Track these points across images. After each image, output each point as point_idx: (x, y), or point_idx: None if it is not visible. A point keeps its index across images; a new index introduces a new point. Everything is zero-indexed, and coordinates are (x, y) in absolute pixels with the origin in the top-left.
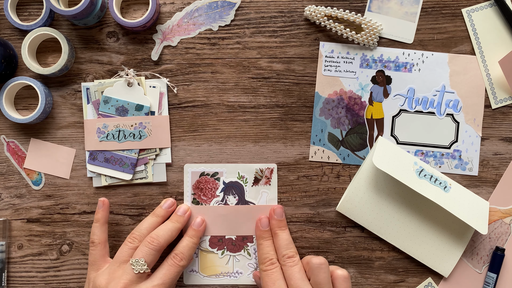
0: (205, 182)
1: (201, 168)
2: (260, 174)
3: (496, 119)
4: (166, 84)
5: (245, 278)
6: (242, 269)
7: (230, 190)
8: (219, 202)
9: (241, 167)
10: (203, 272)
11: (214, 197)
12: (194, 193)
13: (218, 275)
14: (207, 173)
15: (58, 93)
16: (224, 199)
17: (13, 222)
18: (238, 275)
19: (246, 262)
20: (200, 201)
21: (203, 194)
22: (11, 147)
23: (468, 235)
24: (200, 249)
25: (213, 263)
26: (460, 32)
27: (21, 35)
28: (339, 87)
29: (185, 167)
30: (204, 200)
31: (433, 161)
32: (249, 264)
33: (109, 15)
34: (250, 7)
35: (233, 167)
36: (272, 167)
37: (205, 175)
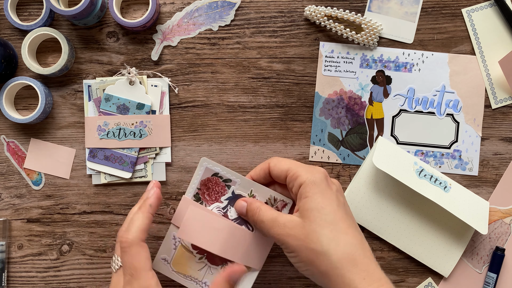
0: (215, 183)
1: (217, 168)
2: (272, 203)
3: (496, 119)
4: (168, 83)
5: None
6: (211, 284)
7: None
8: (220, 208)
9: (256, 186)
10: (174, 265)
11: (217, 201)
12: (200, 188)
13: (186, 277)
14: (221, 175)
15: (58, 93)
16: (226, 209)
17: (13, 222)
18: (204, 287)
19: None
20: (202, 198)
21: (208, 193)
22: (11, 147)
23: (468, 235)
24: (181, 244)
25: (187, 263)
26: (460, 32)
27: (21, 35)
28: (339, 87)
29: (202, 160)
30: (206, 200)
31: (433, 161)
32: None
33: (109, 15)
34: (250, 7)
35: (248, 183)
36: (287, 202)
37: (218, 177)
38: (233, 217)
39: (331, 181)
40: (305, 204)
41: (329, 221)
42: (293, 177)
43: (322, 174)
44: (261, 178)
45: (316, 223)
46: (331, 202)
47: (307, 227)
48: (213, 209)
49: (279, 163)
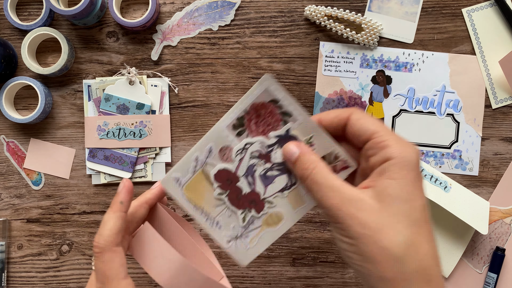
0: (270, 112)
1: (279, 94)
2: (330, 160)
3: (497, 119)
4: (168, 83)
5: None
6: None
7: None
8: (263, 145)
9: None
10: (186, 191)
11: (264, 135)
12: (249, 112)
13: (197, 208)
14: (281, 105)
15: (58, 93)
16: (272, 148)
17: (13, 222)
18: (214, 226)
19: (233, 224)
20: (246, 126)
21: (256, 122)
22: (11, 147)
23: (469, 235)
24: (202, 170)
25: (203, 193)
26: (460, 32)
27: (21, 35)
28: (339, 87)
29: (264, 77)
30: (251, 130)
31: (433, 161)
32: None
33: (109, 15)
34: (250, 7)
35: (312, 126)
36: (349, 165)
37: (277, 106)
38: (276, 161)
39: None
40: (388, 188)
41: (414, 220)
42: (380, 145)
43: (417, 155)
44: (331, 127)
45: (398, 217)
46: (420, 197)
47: (384, 217)
48: (255, 142)
49: (365, 119)
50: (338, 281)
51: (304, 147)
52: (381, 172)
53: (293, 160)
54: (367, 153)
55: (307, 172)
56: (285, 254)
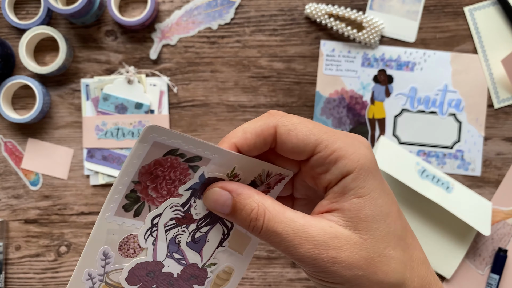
0: (169, 168)
1: (176, 142)
2: (262, 179)
3: (499, 119)
4: (166, 83)
5: None
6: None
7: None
8: (177, 207)
9: (244, 160)
10: None
11: (172, 196)
12: (139, 181)
13: None
14: (182, 152)
15: (55, 93)
16: (188, 204)
17: (11, 223)
18: None
19: None
20: (143, 198)
21: (155, 187)
22: (9, 147)
23: (471, 236)
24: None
25: None
26: (462, 31)
27: (18, 34)
28: (340, 86)
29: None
30: (150, 199)
31: (435, 161)
32: None
33: (107, 13)
34: (250, 6)
35: (232, 157)
36: (285, 175)
37: (176, 156)
38: (200, 216)
39: None
40: (360, 210)
41: (399, 235)
42: (331, 159)
43: (369, 149)
44: (255, 149)
45: (384, 241)
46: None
47: (370, 248)
48: (164, 210)
49: (297, 128)
50: None
51: (235, 187)
52: (342, 191)
53: (227, 211)
54: (314, 170)
55: (258, 223)
56: None
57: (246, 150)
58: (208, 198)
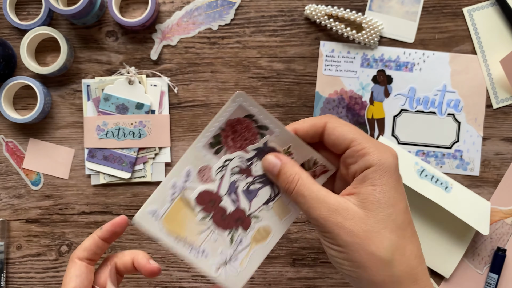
0: (246, 128)
1: (254, 109)
2: (309, 166)
3: (498, 119)
4: (167, 83)
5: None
6: (211, 251)
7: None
8: (243, 160)
9: (297, 142)
10: (166, 222)
11: (242, 150)
12: (225, 128)
13: (180, 239)
14: (256, 119)
15: (57, 93)
16: (251, 162)
17: (12, 222)
18: (200, 256)
19: (220, 248)
20: (223, 143)
21: (233, 138)
22: (10, 147)
23: (469, 235)
24: (180, 197)
25: (184, 222)
26: (461, 31)
27: (19, 34)
28: (340, 87)
29: (236, 95)
30: (228, 146)
31: (434, 161)
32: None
33: (108, 14)
34: (250, 6)
35: (289, 137)
36: (328, 169)
37: (252, 120)
38: (257, 174)
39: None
40: (371, 195)
41: (399, 224)
42: (359, 153)
43: (396, 159)
44: (307, 136)
45: (383, 223)
46: (402, 200)
47: (370, 224)
48: (234, 158)
49: (342, 127)
50: (338, 281)
51: (284, 158)
52: (362, 179)
53: (275, 173)
54: (346, 161)
55: (291, 185)
56: (285, 254)
57: (302, 135)
58: (265, 161)
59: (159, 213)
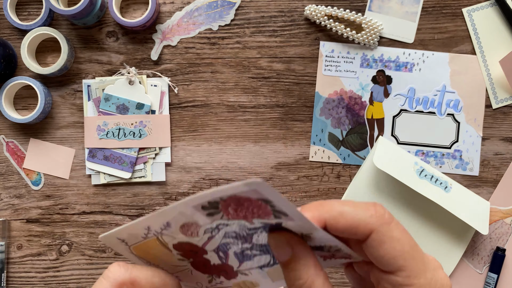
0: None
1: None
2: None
3: (497, 119)
4: (167, 83)
5: None
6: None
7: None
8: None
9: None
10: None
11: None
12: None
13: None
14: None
15: (57, 93)
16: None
17: (13, 222)
18: None
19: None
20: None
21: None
22: (11, 147)
23: (469, 235)
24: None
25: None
26: (461, 31)
27: (20, 34)
28: (340, 87)
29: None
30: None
31: (433, 161)
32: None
33: (108, 14)
34: (250, 7)
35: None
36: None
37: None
38: (259, 243)
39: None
40: None
41: None
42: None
43: None
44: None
45: None
46: None
47: None
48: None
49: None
50: (338, 281)
51: (298, 249)
52: None
53: (283, 261)
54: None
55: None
56: None
57: (332, 231)
58: (272, 240)
59: (128, 242)
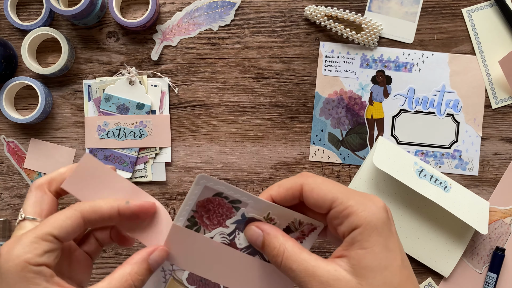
0: (217, 205)
1: (220, 187)
2: (296, 227)
3: (496, 119)
4: (168, 83)
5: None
6: None
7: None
8: (224, 235)
9: (276, 209)
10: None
11: (221, 226)
12: (197, 210)
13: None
14: (226, 196)
15: (58, 93)
16: (233, 235)
17: (13, 222)
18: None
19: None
20: (200, 223)
21: (208, 217)
22: (11, 147)
23: (468, 235)
24: (172, 277)
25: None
26: (460, 32)
27: (21, 35)
28: (339, 87)
29: (199, 178)
30: (205, 225)
31: (433, 161)
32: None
33: (109, 15)
34: (250, 7)
35: (266, 205)
36: (316, 226)
37: (222, 197)
38: (242, 246)
39: (391, 218)
40: (362, 259)
41: (395, 286)
42: (343, 214)
43: (383, 211)
44: (286, 201)
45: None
46: (396, 257)
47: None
48: (215, 236)
49: (319, 186)
50: None
51: (266, 227)
52: (351, 241)
53: (258, 244)
54: (332, 222)
55: (278, 259)
56: None
57: (279, 201)
58: (247, 233)
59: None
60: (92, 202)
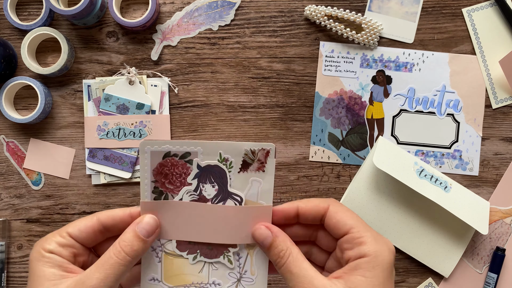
0: (172, 166)
1: (166, 147)
2: (251, 157)
3: (497, 119)
4: (167, 83)
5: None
6: (220, 279)
7: (207, 177)
8: (191, 192)
9: (224, 146)
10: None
11: (184, 185)
12: (156, 180)
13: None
14: (174, 153)
15: (57, 93)
16: (199, 189)
17: (13, 222)
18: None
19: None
20: (164, 190)
21: (169, 181)
22: (11, 147)
23: (469, 235)
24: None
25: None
26: (461, 32)
27: (20, 35)
28: (339, 87)
29: (141, 145)
30: (170, 190)
31: (433, 161)
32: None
33: (108, 14)
34: (250, 7)
35: (213, 145)
36: (268, 148)
37: (172, 156)
38: (211, 196)
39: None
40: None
41: None
42: (356, 241)
43: (391, 254)
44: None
45: None
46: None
47: None
48: (183, 196)
49: (343, 212)
50: None
51: (275, 230)
52: (354, 267)
53: (266, 245)
54: (343, 245)
55: (282, 260)
56: None
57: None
58: (256, 232)
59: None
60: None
